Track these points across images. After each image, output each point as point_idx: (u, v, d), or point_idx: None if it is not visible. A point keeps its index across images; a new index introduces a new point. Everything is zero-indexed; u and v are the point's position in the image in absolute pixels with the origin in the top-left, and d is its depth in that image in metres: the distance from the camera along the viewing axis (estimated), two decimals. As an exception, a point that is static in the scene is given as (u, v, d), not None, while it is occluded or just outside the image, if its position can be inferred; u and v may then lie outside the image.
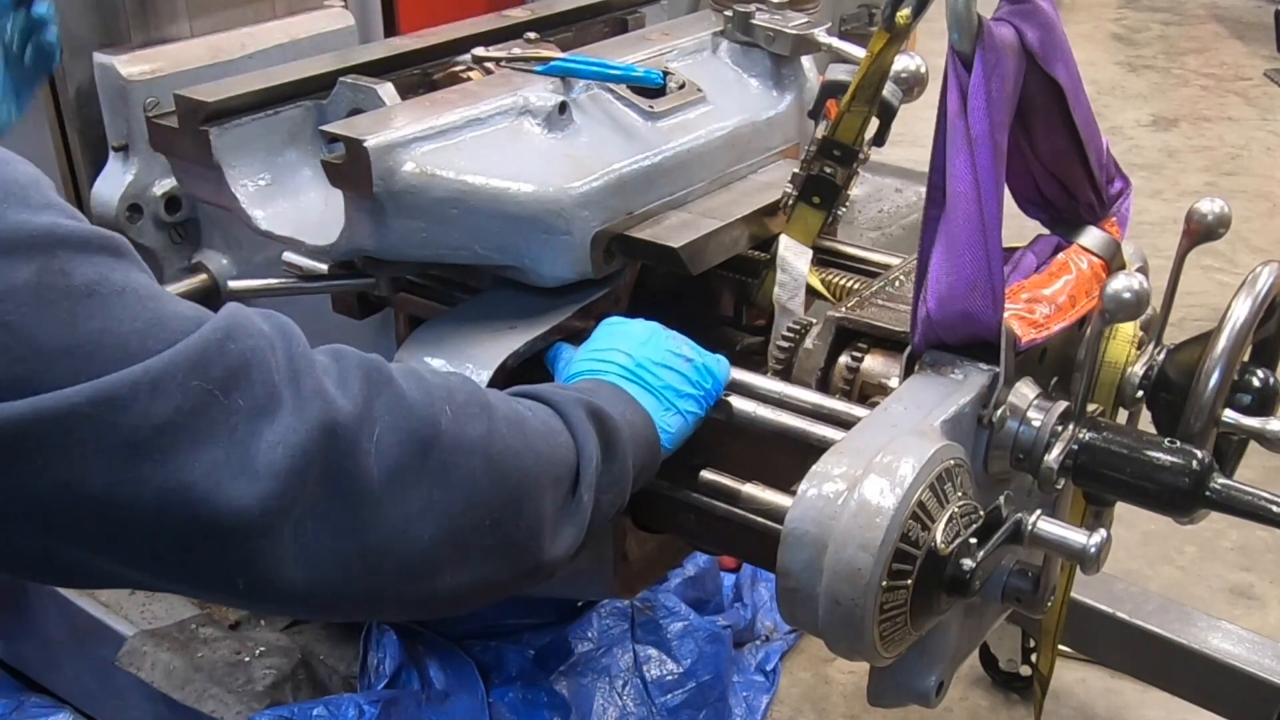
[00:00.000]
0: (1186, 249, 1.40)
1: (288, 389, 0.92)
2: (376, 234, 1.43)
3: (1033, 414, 1.25)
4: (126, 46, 1.81)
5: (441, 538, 1.02)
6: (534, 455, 1.10)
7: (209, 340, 0.90)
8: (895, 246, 1.73)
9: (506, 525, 1.07)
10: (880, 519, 1.07)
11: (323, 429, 0.92)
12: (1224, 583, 2.79)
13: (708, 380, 1.33)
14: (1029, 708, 2.42)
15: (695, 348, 1.36)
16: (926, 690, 1.29)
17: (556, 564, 1.15)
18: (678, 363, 1.32)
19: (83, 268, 0.85)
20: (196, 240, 1.88)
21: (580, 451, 1.15)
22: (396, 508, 0.97)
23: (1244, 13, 7.10)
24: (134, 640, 2.06)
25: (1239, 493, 1.20)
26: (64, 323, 0.83)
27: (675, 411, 1.30)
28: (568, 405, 1.18)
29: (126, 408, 0.83)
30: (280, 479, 0.89)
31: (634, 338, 1.34)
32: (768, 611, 2.53)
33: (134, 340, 0.86)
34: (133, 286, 0.88)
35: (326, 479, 0.92)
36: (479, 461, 1.04)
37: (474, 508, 1.04)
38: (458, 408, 1.05)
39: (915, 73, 1.49)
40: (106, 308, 0.86)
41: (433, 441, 1.00)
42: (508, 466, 1.07)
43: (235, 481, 0.87)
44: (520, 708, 2.13)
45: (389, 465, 0.97)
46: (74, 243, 0.86)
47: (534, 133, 1.51)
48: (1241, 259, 4.08)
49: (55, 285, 0.83)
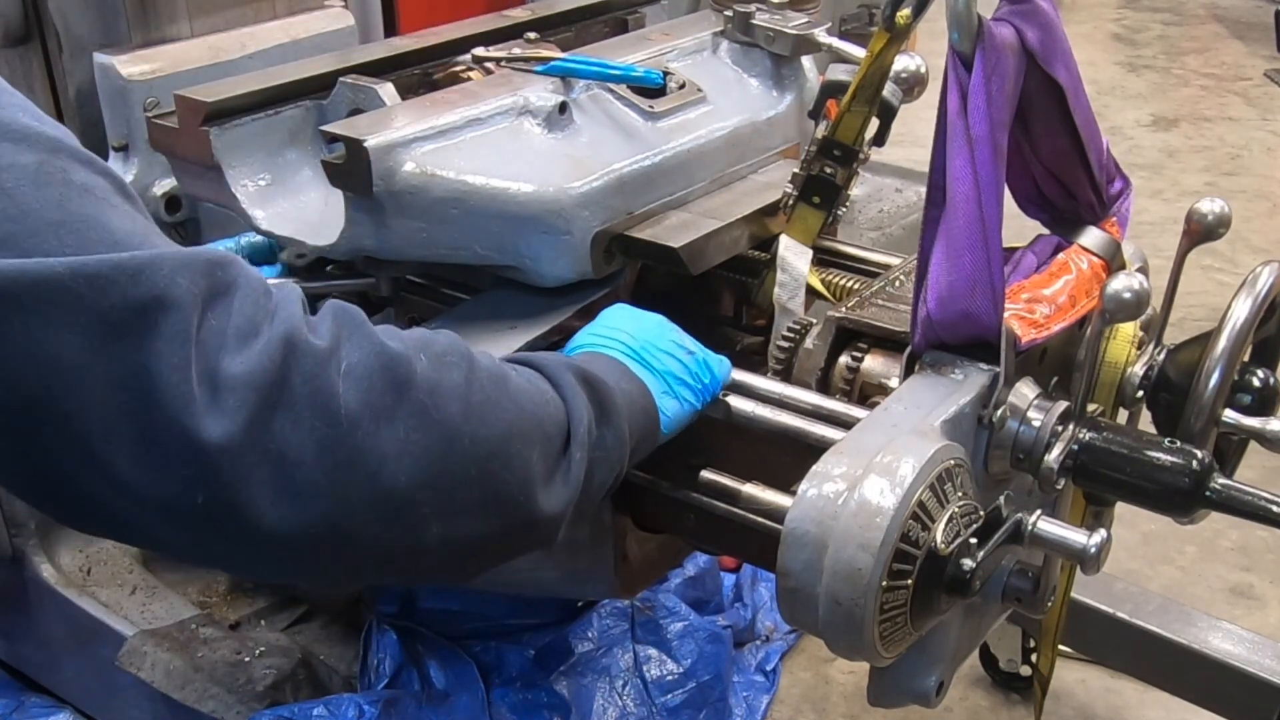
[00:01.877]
0: (1186, 249, 1.40)
1: (266, 323, 0.93)
2: (376, 234, 1.43)
3: (1033, 414, 1.25)
4: (126, 46, 1.82)
5: (421, 480, 0.99)
6: (517, 409, 1.08)
7: (199, 256, 0.92)
8: (895, 246, 1.73)
9: (494, 477, 1.05)
10: (880, 519, 1.07)
11: (286, 352, 0.92)
12: (1224, 583, 2.79)
13: (706, 375, 1.33)
14: (1029, 708, 2.42)
15: (698, 344, 1.36)
16: (926, 690, 1.29)
17: (552, 522, 1.12)
18: (679, 353, 1.32)
19: (82, 174, 0.89)
20: (196, 240, 1.88)
21: (570, 413, 1.14)
22: (370, 443, 0.95)
23: (1244, 13, 7.10)
24: (134, 640, 2.06)
25: (1239, 493, 1.20)
26: (58, 203, 0.86)
27: (673, 396, 1.29)
28: (556, 369, 1.17)
29: (104, 287, 0.85)
30: (242, 396, 0.89)
31: (639, 322, 1.34)
32: (768, 611, 2.53)
33: (121, 235, 0.88)
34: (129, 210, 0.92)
35: (294, 403, 0.92)
36: (457, 407, 1.02)
37: (455, 454, 1.01)
38: (434, 355, 1.04)
39: (915, 73, 1.49)
40: (99, 206, 0.89)
41: (407, 381, 0.99)
42: (490, 416, 1.04)
43: (199, 390, 0.88)
44: (520, 708, 2.13)
45: (358, 398, 0.95)
46: (79, 157, 0.90)
47: (534, 133, 1.51)
48: (1241, 259, 4.08)
49: (54, 175, 0.87)
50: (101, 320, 0.85)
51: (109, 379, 0.86)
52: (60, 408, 0.86)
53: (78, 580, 2.15)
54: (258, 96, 1.58)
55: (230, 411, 0.89)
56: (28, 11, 1.80)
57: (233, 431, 0.89)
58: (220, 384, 0.89)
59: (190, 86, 1.59)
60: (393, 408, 0.97)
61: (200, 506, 0.90)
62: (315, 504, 0.94)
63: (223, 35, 1.90)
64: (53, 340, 0.84)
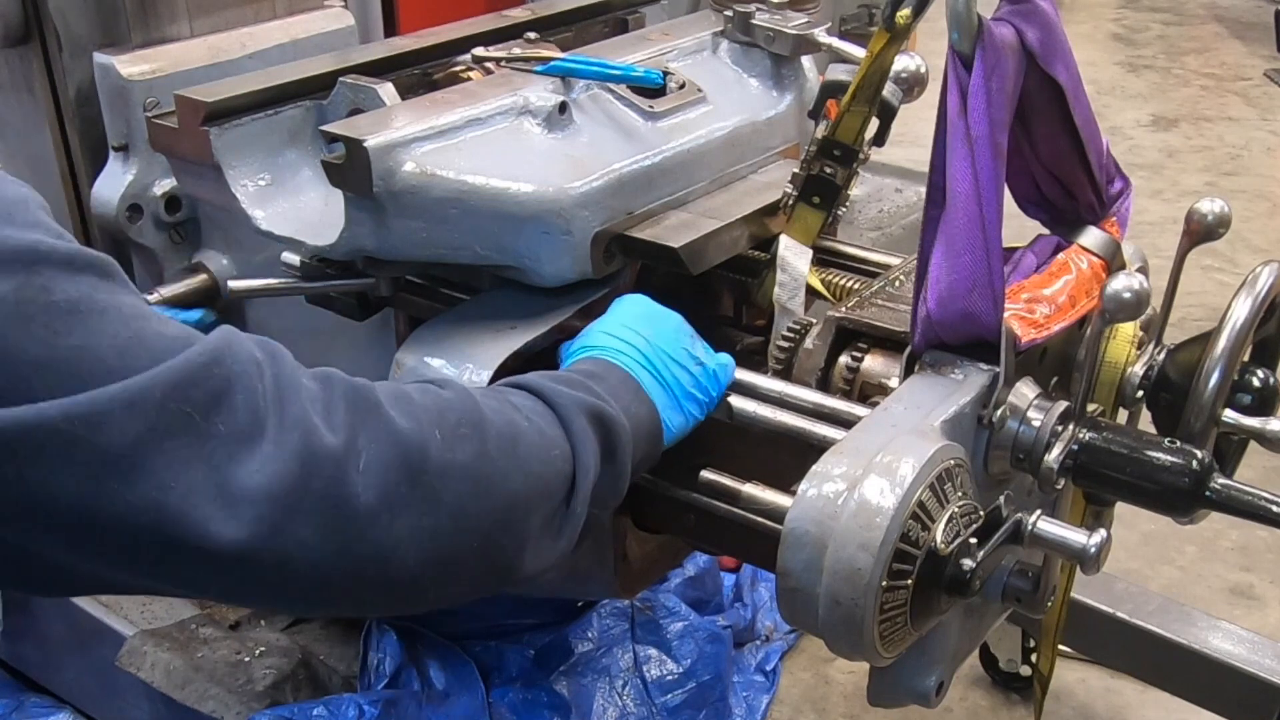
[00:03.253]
0: (1186, 249, 1.40)
1: (271, 416, 0.91)
2: (376, 234, 1.43)
3: (1033, 414, 1.25)
4: (126, 46, 1.81)
5: (428, 559, 1.01)
6: (524, 475, 1.08)
7: (193, 363, 0.89)
8: (895, 246, 1.73)
9: (493, 545, 1.07)
10: (880, 519, 1.07)
11: (304, 458, 0.91)
12: (1224, 583, 2.79)
13: (714, 387, 1.34)
14: (1029, 708, 2.42)
15: (707, 350, 1.36)
16: (926, 690, 1.29)
17: (542, 574, 1.15)
18: (691, 364, 1.32)
19: (65, 285, 0.85)
20: (196, 240, 1.87)
21: (577, 462, 1.14)
22: (384, 534, 0.97)
23: (1244, 13, 7.10)
24: (134, 640, 2.06)
25: (1239, 493, 1.20)
26: (42, 338, 0.83)
27: (679, 410, 1.30)
28: (570, 410, 1.16)
29: (100, 425, 0.83)
30: (260, 508, 0.89)
31: (656, 325, 1.33)
32: (768, 611, 2.53)
33: (113, 357, 0.85)
34: (116, 306, 0.88)
35: (313, 509, 0.92)
36: (468, 486, 1.03)
37: (461, 531, 1.03)
38: (448, 430, 1.03)
39: (915, 73, 1.49)
40: (87, 325, 0.85)
41: (421, 467, 0.99)
42: (497, 489, 1.06)
43: (212, 507, 0.87)
44: (520, 708, 2.13)
45: (376, 494, 0.96)
46: (57, 260, 0.85)
47: (534, 133, 1.51)
48: (1241, 259, 4.08)
49: (35, 300, 0.83)
50: (101, 459, 0.84)
51: (115, 513, 0.85)
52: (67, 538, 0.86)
53: (78, 580, 2.15)
54: (258, 96, 1.58)
55: (248, 522, 0.88)
56: (28, 11, 1.80)
57: (249, 539, 0.89)
58: (235, 497, 0.88)
59: (190, 86, 1.59)
60: (407, 496, 0.98)
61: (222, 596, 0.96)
62: (326, 591, 0.96)
63: (223, 35, 1.90)
64: (52, 483, 0.83)
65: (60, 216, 1.86)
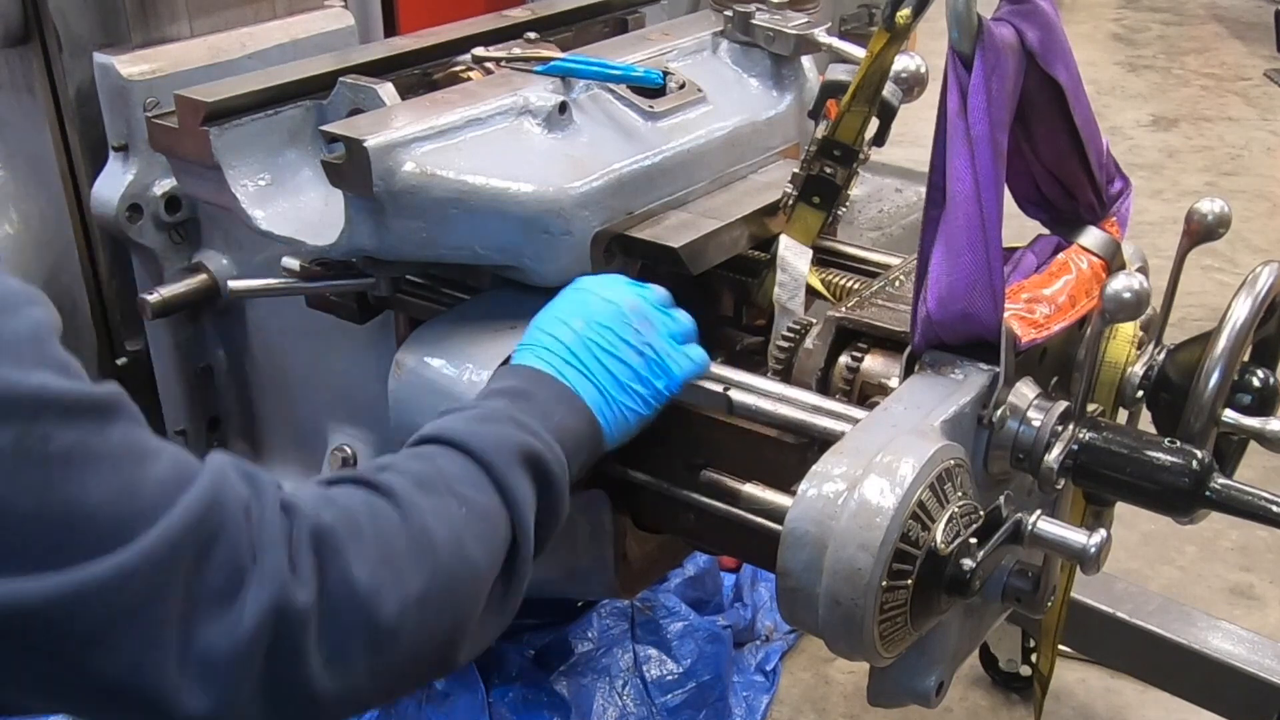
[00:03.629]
0: (1186, 249, 1.40)
1: (251, 571, 0.91)
2: (376, 234, 1.43)
3: (1033, 414, 1.25)
4: (126, 46, 1.81)
5: (388, 688, 1.03)
6: (472, 572, 1.06)
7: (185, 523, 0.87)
8: (895, 246, 1.73)
9: (447, 653, 1.06)
10: (880, 519, 1.07)
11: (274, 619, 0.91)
12: (1224, 583, 2.79)
13: (660, 379, 1.24)
14: (1029, 708, 2.42)
15: (664, 336, 1.26)
16: (926, 690, 1.29)
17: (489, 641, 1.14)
18: (627, 353, 1.23)
19: (64, 434, 0.83)
20: (196, 240, 1.87)
21: (518, 525, 1.10)
22: (341, 682, 0.96)
23: (1244, 13, 7.10)
24: (134, 640, 2.06)
25: (1239, 493, 1.20)
26: (35, 491, 0.81)
27: (614, 406, 1.22)
28: (502, 466, 1.10)
29: (79, 610, 0.82)
30: (229, 672, 0.89)
31: (591, 310, 1.26)
32: (768, 611, 2.53)
33: (104, 511, 0.84)
34: (111, 453, 0.86)
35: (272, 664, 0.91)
36: (427, 614, 1.02)
37: (419, 656, 1.03)
38: (401, 561, 1.01)
39: (915, 73, 1.49)
40: (81, 477, 0.83)
41: (377, 615, 0.98)
42: (450, 605, 1.04)
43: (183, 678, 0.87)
44: (520, 708, 2.13)
45: (335, 651, 0.95)
46: (60, 407, 0.83)
47: (534, 133, 1.51)
48: (1241, 259, 4.08)
49: (33, 451, 0.81)
50: (76, 641, 0.83)
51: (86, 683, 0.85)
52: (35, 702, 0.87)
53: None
54: (258, 96, 1.58)
55: (217, 689, 0.89)
56: (28, 11, 1.80)
57: (220, 705, 0.89)
58: (206, 661, 0.88)
59: (190, 86, 1.59)
60: (364, 645, 0.97)
61: None
62: None
63: (223, 35, 1.90)
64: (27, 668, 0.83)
65: (60, 216, 1.86)
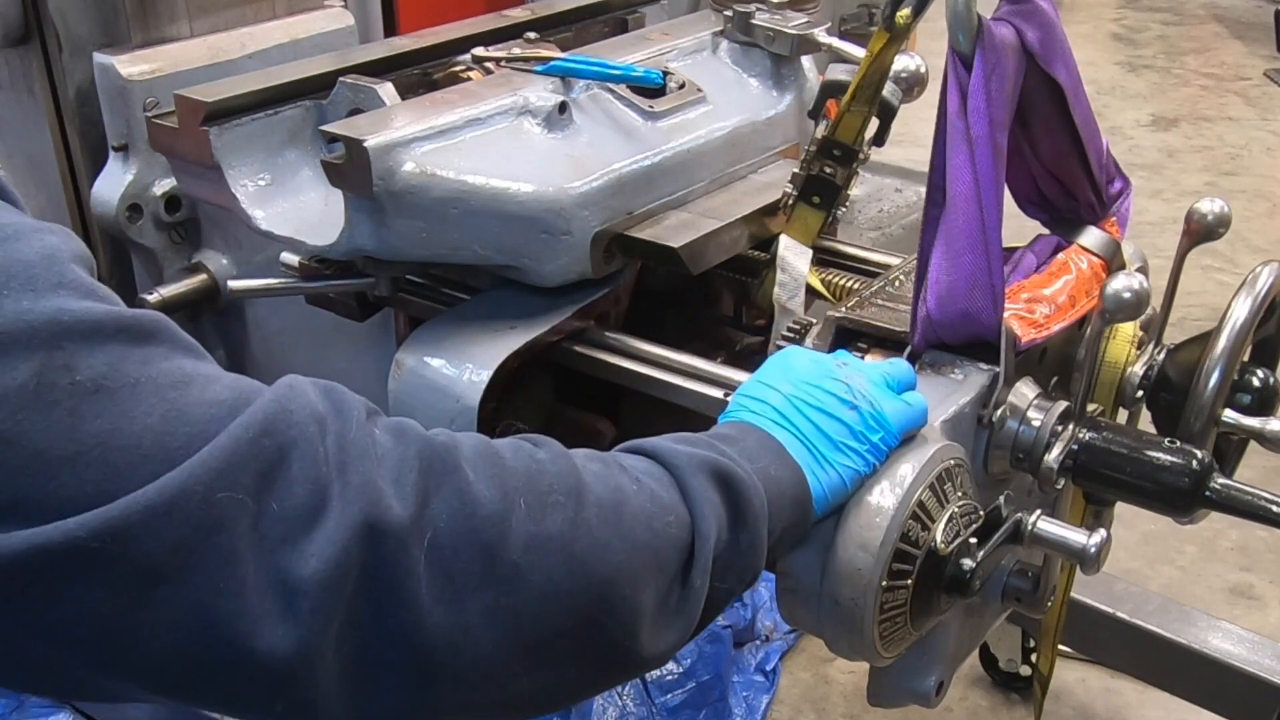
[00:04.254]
0: (1186, 249, 1.40)
1: (335, 484, 0.80)
2: (376, 234, 1.43)
3: (1033, 414, 1.25)
4: (126, 46, 1.81)
5: (509, 642, 0.89)
6: (629, 547, 0.94)
7: (240, 440, 0.77)
8: (895, 246, 1.73)
9: (594, 626, 0.93)
10: (880, 519, 1.07)
11: (365, 534, 0.80)
12: (1224, 583, 2.79)
13: (875, 432, 1.11)
14: (1029, 708, 2.42)
15: (877, 386, 1.15)
16: (926, 690, 1.29)
17: (663, 658, 1.00)
18: (838, 409, 1.11)
19: (90, 359, 0.75)
20: (196, 240, 1.88)
21: (696, 530, 0.99)
22: (452, 618, 0.85)
23: (1244, 13, 7.10)
24: (134, 640, 2.06)
25: (1239, 493, 1.21)
26: (65, 427, 0.73)
27: (827, 466, 1.09)
28: (688, 471, 1.01)
29: (136, 538, 0.73)
30: (315, 600, 0.78)
31: (793, 370, 1.16)
32: (768, 611, 2.53)
33: (148, 439, 0.75)
34: (150, 376, 0.77)
35: (369, 588, 0.81)
36: (557, 560, 0.90)
37: (550, 611, 0.91)
38: (537, 497, 0.91)
39: (915, 73, 1.49)
40: (116, 404, 0.75)
41: (500, 544, 0.87)
42: (594, 562, 0.92)
43: (264, 606, 0.77)
44: (520, 708, 2.13)
45: (444, 575, 0.85)
46: (81, 330, 0.75)
47: (534, 133, 1.51)
48: (1241, 259, 4.08)
49: (57, 384, 0.73)
50: (137, 572, 0.74)
51: (155, 623, 0.75)
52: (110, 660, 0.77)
53: (78, 580, 2.15)
54: (258, 96, 1.58)
55: (304, 618, 0.78)
56: (28, 11, 1.80)
57: (307, 639, 0.78)
58: (289, 589, 0.78)
59: (190, 86, 1.59)
60: (481, 577, 0.86)
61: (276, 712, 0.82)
62: (395, 695, 0.85)
63: (223, 35, 1.90)
64: (83, 601, 0.74)
65: (60, 216, 1.86)
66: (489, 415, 1.40)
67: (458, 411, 1.38)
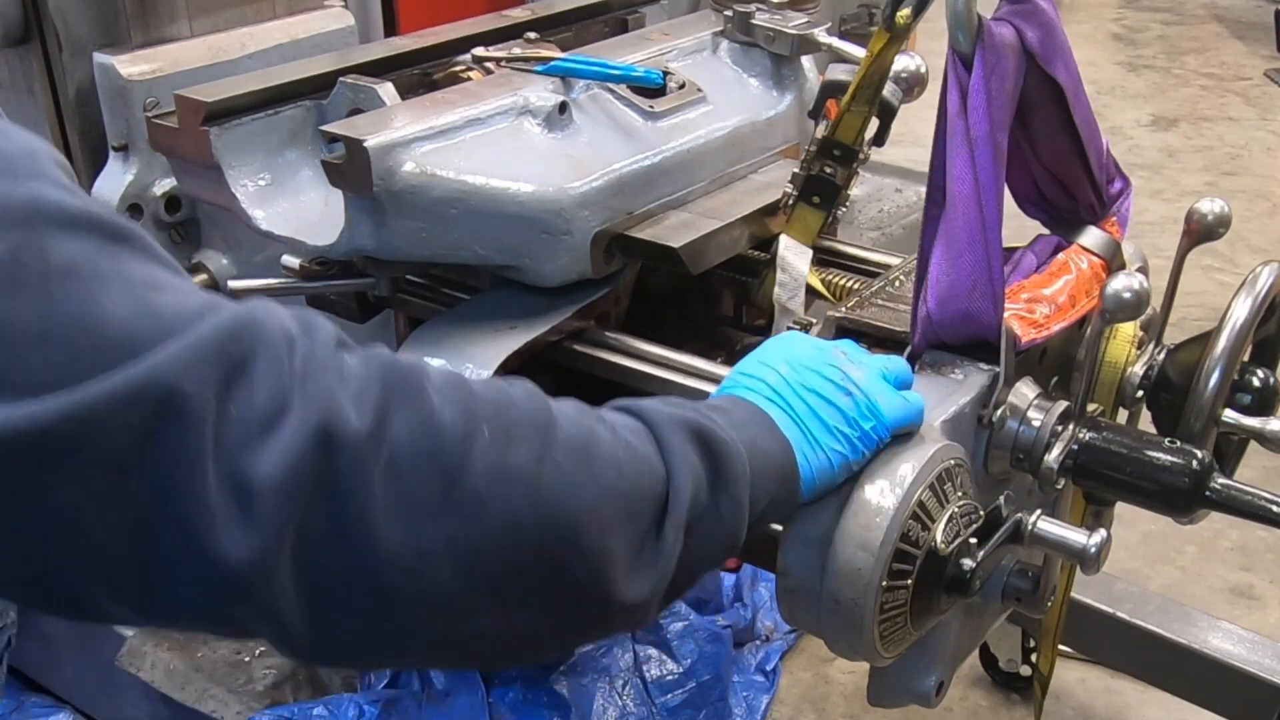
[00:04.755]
0: (1186, 249, 1.40)
1: (296, 394, 0.80)
2: (376, 234, 1.43)
3: (1033, 414, 1.25)
4: (126, 46, 1.81)
5: (469, 574, 0.88)
6: (598, 489, 0.93)
7: (207, 340, 0.77)
8: (895, 246, 1.73)
9: (558, 566, 0.92)
10: (880, 519, 1.07)
11: (321, 441, 0.80)
12: (1224, 583, 2.79)
13: (868, 420, 1.11)
14: (1029, 708, 2.42)
15: (874, 377, 1.14)
16: (926, 690, 1.29)
17: (635, 610, 0.98)
18: (834, 393, 1.11)
19: (64, 245, 0.75)
20: (196, 240, 1.88)
21: (671, 484, 0.98)
22: (410, 540, 0.84)
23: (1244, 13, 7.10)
24: (134, 640, 2.06)
25: (1239, 493, 1.21)
26: (36, 305, 0.73)
27: (817, 448, 1.09)
28: (667, 428, 1.00)
29: (102, 423, 0.73)
30: (271, 504, 0.78)
31: (793, 351, 1.15)
32: (768, 611, 2.53)
33: (116, 328, 0.75)
34: (122, 272, 0.77)
35: (324, 498, 0.80)
36: (521, 493, 0.89)
37: (512, 546, 0.89)
38: (504, 428, 0.89)
39: (915, 73, 1.49)
40: (87, 290, 0.75)
41: (460, 470, 0.86)
42: (560, 500, 0.91)
43: (222, 503, 0.77)
44: (520, 708, 2.13)
45: (401, 494, 0.83)
46: (58, 218, 0.76)
47: (534, 133, 1.51)
48: (1241, 259, 4.08)
49: (30, 265, 0.73)
50: (101, 462, 0.74)
51: (119, 520, 0.76)
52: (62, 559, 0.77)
53: (78, 580, 2.15)
54: (258, 96, 1.59)
55: (259, 523, 0.78)
56: (28, 11, 1.80)
57: (263, 544, 0.78)
58: (245, 491, 0.77)
59: (190, 86, 1.59)
60: (440, 502, 0.85)
61: (234, 621, 0.82)
62: (354, 616, 0.84)
63: (223, 35, 1.90)
64: (49, 489, 0.74)
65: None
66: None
67: (458, 411, 1.38)
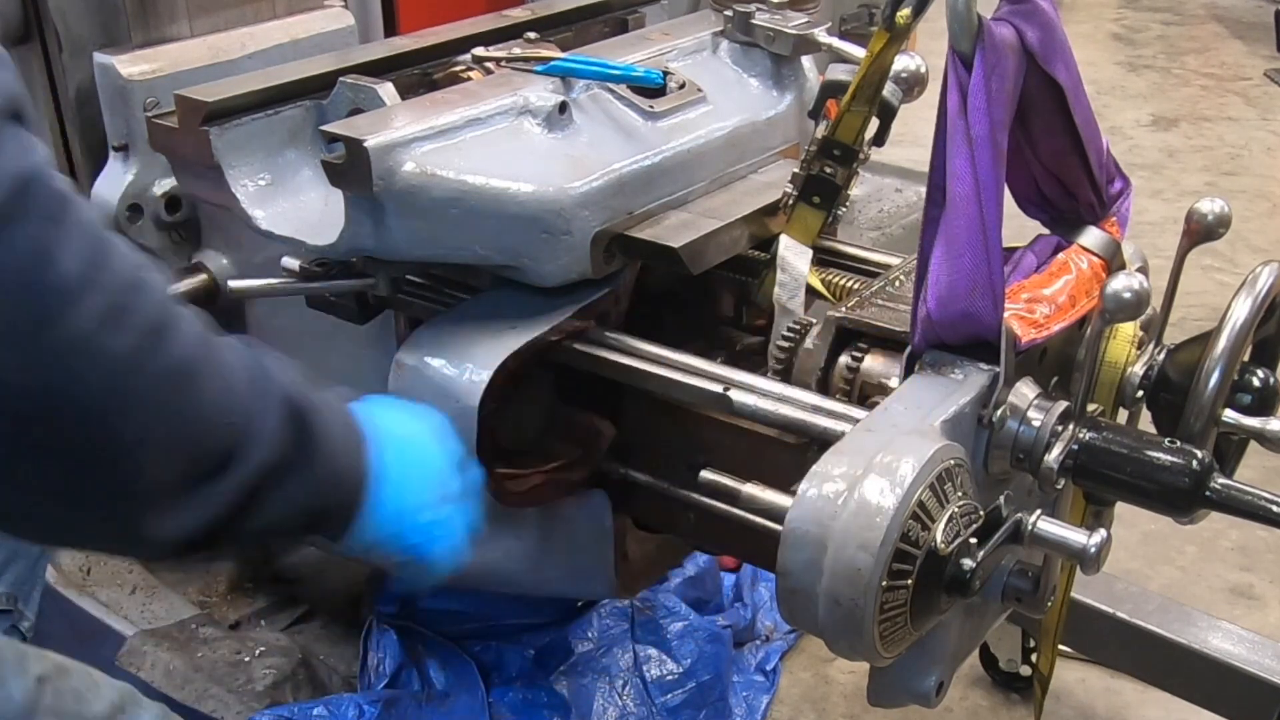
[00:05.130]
0: (1186, 249, 1.40)
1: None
2: (376, 234, 1.43)
3: (1033, 414, 1.25)
4: (126, 46, 1.82)
5: (110, 389, 0.89)
6: (170, 413, 0.93)
7: None
8: (895, 246, 1.73)
9: (91, 461, 0.91)
10: (880, 519, 1.07)
11: (23, 179, 0.83)
12: (1224, 583, 2.79)
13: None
14: (1029, 708, 2.42)
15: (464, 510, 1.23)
16: (926, 690, 1.29)
17: (160, 546, 0.98)
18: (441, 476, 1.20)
19: None
20: (196, 240, 1.88)
21: (249, 437, 0.99)
22: (78, 318, 0.85)
23: (1244, 13, 7.09)
24: (134, 640, 2.06)
25: (1239, 493, 1.21)
26: None
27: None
28: (264, 389, 1.02)
29: None
30: None
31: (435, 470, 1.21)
32: (768, 611, 2.52)
33: None
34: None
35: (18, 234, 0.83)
36: (93, 375, 0.88)
37: (53, 415, 0.88)
38: (121, 308, 0.89)
39: (915, 73, 1.49)
40: None
41: (47, 319, 0.85)
42: (121, 401, 0.90)
43: None
44: (520, 708, 2.13)
45: (78, 264, 0.85)
46: None
47: (534, 133, 1.51)
48: (1241, 259, 4.08)
49: None
50: None
51: None
52: None
53: (77, 580, 2.15)
54: (258, 96, 1.59)
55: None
56: (28, 11, 1.80)
57: None
58: None
59: (190, 86, 1.59)
60: (10, 334, 0.84)
61: None
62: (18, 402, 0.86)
63: (223, 35, 1.90)
64: None
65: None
66: (489, 415, 1.40)
67: (458, 411, 1.38)
